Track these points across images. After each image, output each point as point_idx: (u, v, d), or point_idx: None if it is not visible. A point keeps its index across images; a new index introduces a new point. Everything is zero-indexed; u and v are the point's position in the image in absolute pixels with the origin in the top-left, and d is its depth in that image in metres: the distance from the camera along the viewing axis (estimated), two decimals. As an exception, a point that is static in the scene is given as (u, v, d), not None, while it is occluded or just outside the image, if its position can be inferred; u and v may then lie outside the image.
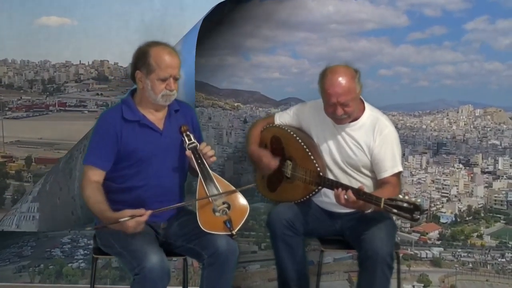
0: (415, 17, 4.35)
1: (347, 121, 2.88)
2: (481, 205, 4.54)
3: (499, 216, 4.51)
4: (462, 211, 4.57)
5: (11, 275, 4.41)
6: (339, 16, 4.34)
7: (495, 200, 4.51)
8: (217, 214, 2.66)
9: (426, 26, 4.37)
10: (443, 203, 4.61)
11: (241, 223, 2.68)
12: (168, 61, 2.67)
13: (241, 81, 4.46)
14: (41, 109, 4.52)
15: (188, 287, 3.01)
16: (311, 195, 2.95)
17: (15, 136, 4.52)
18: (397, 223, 2.94)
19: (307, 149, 2.93)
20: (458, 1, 4.31)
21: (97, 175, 2.68)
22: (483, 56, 4.39)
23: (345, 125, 2.91)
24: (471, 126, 4.61)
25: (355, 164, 2.93)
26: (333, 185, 2.81)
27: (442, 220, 4.59)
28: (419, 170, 4.65)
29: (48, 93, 4.55)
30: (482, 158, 4.55)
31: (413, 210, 2.54)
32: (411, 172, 4.60)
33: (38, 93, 4.55)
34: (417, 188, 4.63)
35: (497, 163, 4.52)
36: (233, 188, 2.73)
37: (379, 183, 2.91)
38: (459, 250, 4.49)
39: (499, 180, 4.51)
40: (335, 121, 2.89)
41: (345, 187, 2.72)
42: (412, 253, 4.51)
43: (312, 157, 2.91)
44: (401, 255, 3.17)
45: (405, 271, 4.34)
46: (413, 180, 4.63)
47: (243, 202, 2.73)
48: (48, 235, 4.50)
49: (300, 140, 2.96)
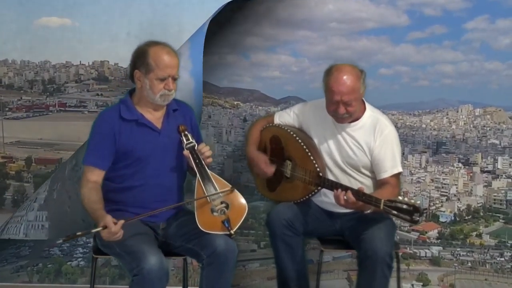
0: (415, 16, 4.36)
1: (348, 120, 2.88)
2: (480, 204, 4.55)
3: (498, 215, 4.52)
4: (461, 210, 4.58)
5: (8, 275, 4.42)
6: (339, 15, 4.35)
7: (494, 199, 4.52)
8: (215, 214, 2.65)
9: (426, 26, 4.38)
10: (442, 202, 4.62)
11: (240, 223, 2.66)
12: (167, 61, 2.66)
13: (241, 80, 4.47)
14: (41, 109, 4.52)
15: (188, 286, 3.00)
16: (310, 195, 2.94)
17: (15, 136, 4.53)
18: (396, 222, 2.93)
19: (307, 149, 2.93)
20: (458, 1, 4.33)
21: (95, 175, 2.68)
22: (483, 56, 4.41)
23: (346, 125, 2.90)
24: (471, 126, 4.61)
25: (355, 164, 2.92)
26: (333, 185, 2.81)
27: (441, 219, 4.60)
28: (419, 169, 4.66)
29: (48, 93, 4.55)
30: (482, 158, 4.56)
31: (412, 211, 2.54)
32: (410, 171, 4.61)
33: (38, 93, 4.55)
34: (416, 187, 4.64)
35: (497, 162, 4.52)
36: (230, 186, 2.72)
37: (378, 183, 2.90)
38: (458, 249, 4.50)
39: (498, 179, 4.52)
40: (336, 119, 2.88)
41: (345, 188, 2.72)
42: (411, 252, 4.52)
43: (312, 157, 2.91)
44: (400, 254, 3.16)
45: (404, 270, 4.35)
46: (412, 179, 4.64)
47: (242, 202, 2.71)
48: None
49: (300, 140, 2.96)
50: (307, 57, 4.42)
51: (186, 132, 2.73)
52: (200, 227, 2.60)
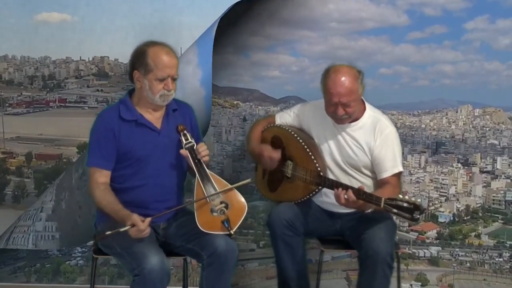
0: (415, 16, 4.37)
1: (348, 121, 2.87)
2: (479, 204, 4.56)
3: (497, 215, 4.52)
4: (460, 210, 4.59)
5: (6, 276, 4.40)
6: (339, 15, 4.35)
7: (493, 200, 4.53)
8: (215, 214, 2.64)
9: (426, 26, 4.38)
10: (441, 202, 4.63)
11: (240, 222, 2.66)
12: (166, 61, 2.65)
13: (241, 79, 4.46)
14: (41, 105, 4.52)
15: (187, 286, 2.99)
16: (311, 195, 2.94)
17: (15, 132, 4.53)
18: (395, 222, 2.93)
19: (308, 149, 2.92)
20: (458, 1, 4.33)
21: (103, 176, 2.67)
22: (483, 56, 4.42)
23: (346, 125, 2.90)
24: (470, 126, 4.62)
25: (356, 164, 2.92)
26: (334, 185, 2.80)
27: (440, 219, 4.60)
28: (418, 169, 4.66)
29: (48, 89, 4.55)
30: (481, 158, 4.57)
31: (413, 210, 2.54)
32: (409, 171, 4.61)
33: (39, 89, 4.55)
34: (415, 187, 4.64)
35: (496, 162, 4.53)
36: (230, 186, 2.72)
37: (379, 183, 2.90)
38: (457, 250, 4.51)
39: (497, 180, 4.52)
40: (336, 120, 2.88)
41: (345, 187, 2.72)
42: (410, 252, 4.52)
43: (313, 157, 2.90)
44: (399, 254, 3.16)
45: (403, 270, 4.35)
46: (411, 179, 4.64)
47: (241, 201, 2.70)
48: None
49: (301, 140, 2.95)
50: (307, 57, 4.43)
51: (185, 132, 2.72)
52: (200, 227, 2.60)
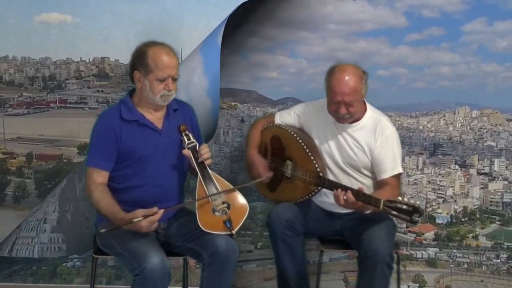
0: (413, 18, 4.37)
1: (349, 120, 2.88)
2: (477, 206, 4.56)
3: (494, 217, 4.53)
4: (457, 212, 4.59)
5: (1, 280, 4.37)
6: (337, 16, 4.34)
7: (490, 201, 4.54)
8: (216, 214, 2.64)
9: (424, 27, 4.39)
10: (439, 203, 4.63)
11: (241, 223, 2.66)
12: (166, 61, 2.65)
13: (239, 80, 4.45)
14: (42, 106, 4.51)
15: (187, 286, 2.99)
16: (310, 195, 2.94)
17: (16, 132, 4.52)
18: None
19: (307, 149, 2.92)
20: (456, 3, 4.34)
21: (101, 177, 2.67)
22: (480, 58, 4.42)
23: (346, 125, 2.90)
24: (468, 128, 4.63)
25: (356, 164, 2.92)
26: (333, 185, 2.81)
27: (437, 221, 4.61)
28: (416, 171, 4.67)
29: (48, 90, 4.54)
30: (478, 160, 4.58)
31: (412, 212, 2.55)
32: (407, 173, 4.62)
33: (39, 90, 4.54)
34: (413, 189, 4.65)
35: (493, 164, 4.54)
36: (232, 187, 2.72)
37: (379, 184, 2.91)
38: (455, 251, 4.52)
39: (494, 182, 4.53)
40: (337, 119, 2.88)
41: (345, 188, 2.72)
42: (408, 253, 4.52)
43: (312, 157, 2.90)
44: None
45: (400, 271, 4.34)
46: (409, 181, 4.64)
47: (243, 202, 2.71)
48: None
49: (300, 140, 2.96)
50: (305, 58, 4.42)
51: (187, 132, 2.73)
52: (202, 227, 2.60)
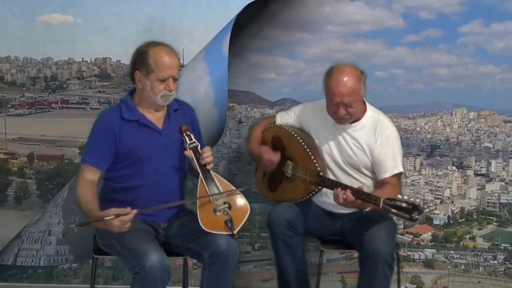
0: (411, 19, 4.37)
1: (349, 121, 2.88)
2: (474, 207, 4.57)
3: (491, 218, 4.54)
4: (455, 213, 4.60)
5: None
6: (335, 18, 4.34)
7: (487, 202, 4.55)
8: (218, 214, 2.65)
9: (422, 29, 4.39)
10: (436, 205, 4.64)
11: (242, 223, 2.67)
12: (167, 61, 2.65)
13: (237, 81, 4.42)
14: (43, 106, 4.51)
15: (187, 286, 2.99)
16: (311, 195, 2.95)
17: (17, 133, 4.51)
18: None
19: (308, 149, 2.93)
20: (453, 4, 4.34)
21: (91, 174, 2.67)
22: (478, 59, 4.43)
23: (347, 125, 2.91)
24: (465, 129, 4.64)
25: (356, 164, 2.93)
26: (333, 184, 2.81)
27: (435, 222, 4.61)
28: (413, 172, 4.68)
29: (50, 90, 4.53)
30: (475, 161, 4.58)
31: (412, 210, 2.56)
32: (405, 174, 4.61)
33: (41, 90, 4.53)
34: (410, 190, 4.65)
35: (490, 165, 4.55)
36: (233, 188, 2.72)
37: (379, 183, 2.91)
38: (452, 252, 4.52)
39: (491, 183, 4.54)
40: (336, 120, 2.89)
41: (345, 187, 2.72)
42: (405, 254, 4.52)
43: (313, 157, 2.91)
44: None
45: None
46: (406, 182, 4.64)
47: (244, 202, 2.73)
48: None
49: (301, 140, 2.96)
50: (303, 59, 4.42)
51: (189, 132, 2.73)
52: (203, 227, 2.60)
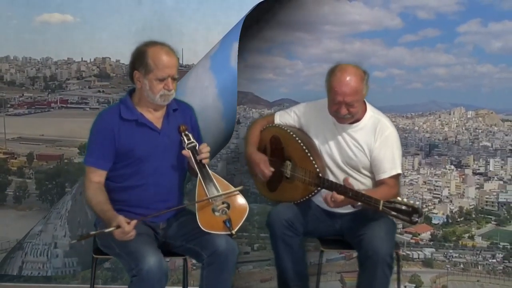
0: (408, 19, 4.37)
1: (349, 120, 2.88)
2: (473, 206, 4.57)
3: (490, 217, 4.54)
4: (453, 212, 4.60)
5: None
6: (333, 17, 4.34)
7: (486, 201, 4.55)
8: (216, 213, 2.65)
9: (420, 29, 4.39)
10: (434, 204, 4.64)
11: (241, 223, 2.67)
12: (165, 61, 2.66)
13: (235, 82, 4.43)
14: (43, 106, 4.51)
15: (187, 286, 2.99)
16: (310, 195, 2.94)
17: (17, 132, 4.52)
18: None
19: (306, 150, 2.92)
20: (451, 4, 4.34)
21: (98, 176, 2.68)
22: (476, 59, 4.43)
23: (347, 126, 2.91)
24: (463, 128, 4.64)
25: (355, 165, 2.93)
26: (332, 186, 2.81)
27: (433, 221, 4.61)
28: (411, 171, 4.68)
29: (50, 90, 4.53)
30: (474, 160, 4.59)
31: (411, 212, 2.57)
32: (403, 174, 4.61)
33: (40, 90, 4.53)
34: (409, 189, 4.65)
35: (489, 164, 4.55)
36: (232, 188, 2.72)
37: (377, 184, 2.91)
38: (451, 251, 4.52)
39: (490, 182, 4.54)
40: (337, 119, 2.88)
41: (344, 189, 2.73)
42: (404, 254, 4.52)
43: (311, 157, 2.90)
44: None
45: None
46: (405, 181, 4.64)
47: (243, 202, 2.73)
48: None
49: (300, 141, 2.95)
50: (301, 60, 4.42)
51: (187, 132, 2.73)
52: (202, 227, 2.60)
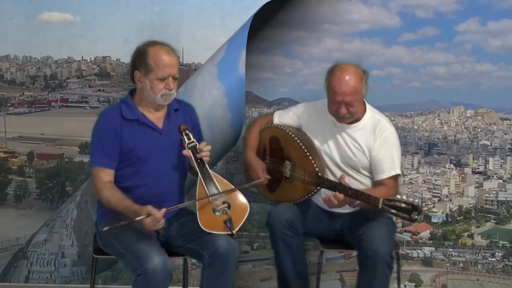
0: (407, 18, 4.39)
1: (349, 120, 2.87)
2: (472, 205, 4.59)
3: (489, 215, 4.56)
4: (453, 211, 4.61)
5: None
6: (332, 17, 4.34)
7: (485, 200, 4.56)
8: (217, 213, 2.64)
9: (418, 28, 4.41)
10: (434, 203, 4.65)
11: (242, 223, 2.66)
12: (166, 60, 2.65)
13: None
14: (43, 105, 4.52)
15: (187, 286, 2.98)
16: (310, 195, 2.93)
17: (17, 131, 4.54)
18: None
19: (306, 149, 2.92)
20: (450, 3, 4.36)
21: (108, 175, 2.66)
22: (475, 58, 4.45)
23: (346, 126, 2.90)
24: (462, 127, 4.65)
25: (355, 165, 2.92)
26: (332, 185, 2.80)
27: (433, 220, 4.63)
28: (411, 170, 4.69)
29: (50, 89, 4.54)
30: (473, 159, 4.60)
31: (411, 210, 2.55)
32: (403, 173, 4.62)
33: (40, 89, 4.55)
34: (408, 188, 4.67)
35: (488, 163, 4.57)
36: (232, 187, 2.72)
37: (376, 184, 2.90)
38: (450, 250, 4.53)
39: (489, 180, 4.56)
40: (337, 119, 2.88)
41: (344, 188, 2.72)
42: (404, 252, 4.54)
43: (311, 157, 2.90)
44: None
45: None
46: (404, 180, 4.66)
47: (243, 201, 2.71)
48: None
49: (299, 141, 2.95)
50: (300, 59, 4.42)
51: (188, 132, 2.72)
52: (202, 227, 2.59)
